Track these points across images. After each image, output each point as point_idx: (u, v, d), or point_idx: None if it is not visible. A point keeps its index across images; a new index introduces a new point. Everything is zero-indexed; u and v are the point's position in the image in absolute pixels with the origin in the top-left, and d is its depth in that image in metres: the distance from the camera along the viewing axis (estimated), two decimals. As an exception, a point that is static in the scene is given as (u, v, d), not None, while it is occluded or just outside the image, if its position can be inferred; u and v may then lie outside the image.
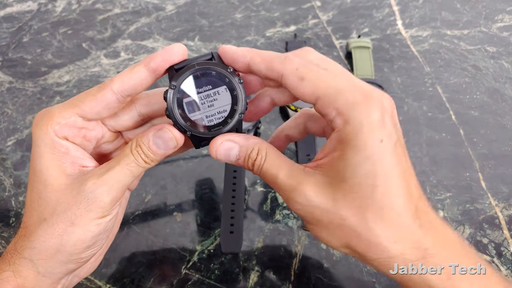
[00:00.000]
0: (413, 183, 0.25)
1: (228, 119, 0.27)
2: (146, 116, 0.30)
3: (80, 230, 0.26)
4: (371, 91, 0.24)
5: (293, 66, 0.25)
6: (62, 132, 0.26)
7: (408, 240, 0.24)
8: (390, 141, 0.24)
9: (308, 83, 0.25)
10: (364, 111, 0.24)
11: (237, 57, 0.27)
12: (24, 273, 0.26)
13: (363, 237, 0.24)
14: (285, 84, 0.26)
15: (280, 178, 0.26)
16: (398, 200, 0.24)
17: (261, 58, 0.26)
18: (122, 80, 0.26)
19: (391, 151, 0.24)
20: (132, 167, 0.26)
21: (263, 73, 0.26)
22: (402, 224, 0.24)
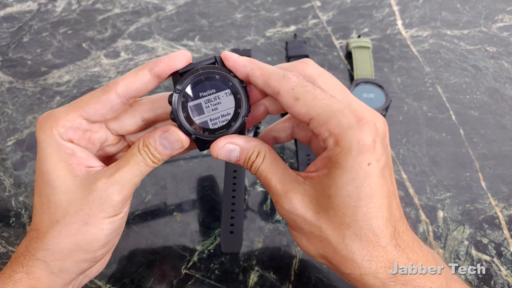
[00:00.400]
0: (395, 205, 0.26)
1: (231, 122, 0.27)
2: (149, 121, 0.30)
3: (94, 229, 0.26)
4: (365, 114, 0.25)
5: (289, 85, 0.26)
6: (67, 135, 0.27)
7: (382, 259, 0.25)
8: (378, 164, 0.25)
9: (303, 104, 0.25)
10: (355, 135, 0.24)
11: (237, 67, 0.27)
12: (37, 274, 0.26)
13: (339, 252, 0.25)
14: (280, 102, 0.26)
15: (273, 182, 0.27)
16: (378, 222, 0.25)
17: (260, 72, 0.27)
18: (127, 83, 0.26)
19: (377, 173, 0.25)
20: (141, 166, 0.27)
21: (260, 86, 0.27)
22: (378, 244, 0.25)
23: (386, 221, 0.25)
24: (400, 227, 0.26)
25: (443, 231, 0.41)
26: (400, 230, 0.26)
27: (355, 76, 0.54)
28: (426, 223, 0.42)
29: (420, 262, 0.25)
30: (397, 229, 0.26)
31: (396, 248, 0.25)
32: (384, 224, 0.25)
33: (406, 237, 0.26)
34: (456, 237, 0.41)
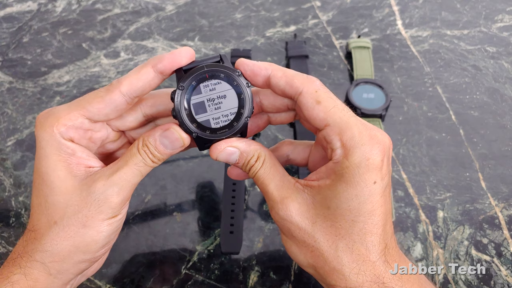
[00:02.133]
0: (389, 223, 0.27)
1: (234, 122, 0.27)
2: (151, 117, 0.30)
3: (92, 231, 0.26)
4: (376, 133, 0.26)
5: (313, 87, 0.26)
6: (68, 134, 0.26)
7: (370, 274, 0.25)
8: (382, 183, 0.25)
9: (322, 109, 0.26)
10: (366, 152, 0.25)
11: (258, 70, 0.27)
12: (35, 276, 0.26)
13: (329, 263, 0.26)
14: (300, 102, 0.26)
15: (270, 188, 0.27)
16: (372, 237, 0.25)
17: (282, 73, 0.27)
18: (131, 82, 0.26)
19: (380, 192, 0.25)
20: (140, 167, 0.27)
21: (281, 87, 0.27)
22: (369, 259, 0.25)
23: (380, 238, 0.26)
24: (391, 244, 0.27)
25: (443, 231, 0.41)
26: (390, 247, 0.26)
27: (355, 76, 0.54)
28: (426, 223, 0.42)
29: (404, 279, 0.26)
30: (388, 246, 0.26)
31: (384, 264, 0.26)
32: (378, 241, 0.25)
33: (394, 253, 0.27)
34: (456, 237, 0.41)
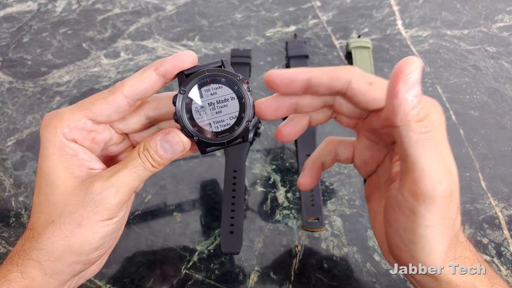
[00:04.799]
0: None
1: (235, 126, 0.27)
2: (154, 119, 0.30)
3: (87, 231, 0.26)
4: (429, 97, 0.26)
5: (359, 72, 0.26)
6: (71, 135, 0.26)
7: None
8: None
9: (378, 88, 0.25)
10: (437, 113, 0.25)
11: (295, 77, 0.26)
12: (31, 274, 0.26)
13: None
14: (353, 90, 0.26)
15: (436, 166, 0.24)
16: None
17: (322, 71, 0.26)
18: (133, 84, 0.26)
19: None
20: (139, 171, 0.27)
21: (326, 84, 0.26)
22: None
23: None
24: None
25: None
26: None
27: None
28: (426, 223, 0.42)
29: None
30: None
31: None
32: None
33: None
34: (456, 237, 0.41)
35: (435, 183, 0.23)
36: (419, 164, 0.24)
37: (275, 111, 0.27)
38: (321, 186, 0.45)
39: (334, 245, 0.41)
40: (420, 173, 0.24)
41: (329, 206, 0.44)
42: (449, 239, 0.25)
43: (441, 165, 0.24)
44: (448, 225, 0.25)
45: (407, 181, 0.25)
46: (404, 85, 0.23)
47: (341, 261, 0.39)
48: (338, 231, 0.42)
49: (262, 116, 0.28)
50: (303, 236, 0.41)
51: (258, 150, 0.49)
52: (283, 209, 0.43)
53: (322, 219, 0.42)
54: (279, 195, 0.45)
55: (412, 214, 0.25)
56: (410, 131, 0.24)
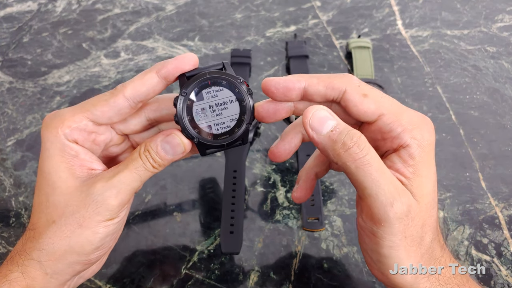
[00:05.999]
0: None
1: (235, 129, 0.27)
2: (154, 121, 0.30)
3: (88, 232, 0.26)
4: (423, 115, 0.27)
5: (354, 82, 0.26)
6: (72, 136, 0.27)
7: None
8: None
9: (372, 100, 0.26)
10: (426, 133, 0.25)
11: (292, 84, 0.26)
12: (32, 274, 0.26)
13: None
14: (346, 100, 0.26)
15: (383, 189, 0.24)
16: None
17: (317, 79, 0.26)
18: (135, 87, 0.26)
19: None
20: (140, 171, 0.27)
21: (321, 93, 0.26)
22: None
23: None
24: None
25: (443, 231, 0.41)
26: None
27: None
28: (426, 223, 0.42)
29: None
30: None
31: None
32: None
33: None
34: (456, 237, 0.41)
35: (386, 206, 0.24)
36: (367, 190, 0.24)
37: (274, 114, 0.28)
38: (321, 186, 0.45)
39: (334, 245, 0.41)
40: (370, 199, 0.24)
41: (329, 206, 0.44)
42: (417, 257, 0.25)
43: (389, 186, 0.24)
44: (414, 243, 0.25)
45: (363, 207, 0.26)
46: (312, 131, 0.25)
47: (341, 261, 0.39)
48: (338, 231, 0.42)
49: (260, 119, 0.28)
50: (303, 236, 0.41)
51: (258, 150, 0.49)
52: (283, 209, 0.43)
53: (322, 219, 0.42)
54: (279, 195, 0.45)
55: (374, 237, 0.25)
56: (345, 162, 0.24)
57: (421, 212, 0.25)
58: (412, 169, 0.25)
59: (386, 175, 0.24)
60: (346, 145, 0.24)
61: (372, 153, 0.24)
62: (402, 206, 0.24)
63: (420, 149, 0.25)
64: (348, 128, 0.25)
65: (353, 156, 0.24)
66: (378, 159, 0.24)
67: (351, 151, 0.24)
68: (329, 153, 0.25)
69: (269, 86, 0.26)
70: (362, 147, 0.24)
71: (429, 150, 0.26)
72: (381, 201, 0.24)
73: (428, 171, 0.26)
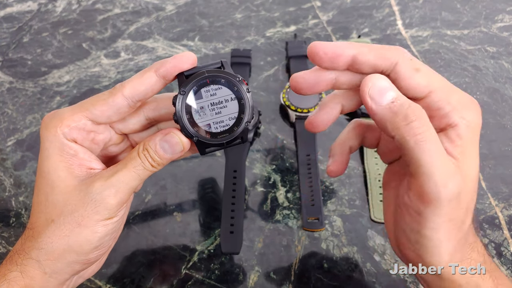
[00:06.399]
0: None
1: (234, 127, 0.27)
2: (153, 120, 0.30)
3: (87, 231, 0.26)
4: (471, 97, 0.26)
5: (407, 56, 0.25)
6: (71, 135, 0.27)
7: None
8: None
9: (424, 75, 0.25)
10: (474, 114, 0.25)
11: (341, 50, 0.25)
12: (31, 274, 0.26)
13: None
14: (397, 72, 0.25)
15: (439, 168, 0.23)
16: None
17: (369, 48, 0.25)
18: (133, 86, 0.26)
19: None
20: (139, 170, 0.27)
21: (371, 62, 0.25)
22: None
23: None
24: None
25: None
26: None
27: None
28: (426, 223, 0.42)
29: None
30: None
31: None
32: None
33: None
34: (456, 237, 0.41)
35: (439, 187, 0.23)
36: (422, 168, 0.23)
37: (313, 86, 0.27)
38: (321, 186, 0.45)
39: (334, 245, 0.41)
40: (424, 177, 0.23)
41: (329, 206, 0.44)
42: (456, 240, 0.25)
43: (445, 166, 0.23)
44: (455, 227, 0.25)
45: (413, 184, 0.24)
46: (371, 100, 0.24)
47: (341, 261, 0.39)
48: (338, 231, 0.42)
49: (298, 90, 0.27)
50: (303, 236, 0.41)
51: (258, 150, 0.49)
52: (283, 209, 0.43)
53: (322, 219, 0.42)
54: (279, 195, 0.45)
55: (418, 216, 0.24)
56: (405, 136, 0.23)
57: (467, 195, 0.24)
58: (460, 149, 0.24)
59: (443, 154, 0.23)
60: (408, 118, 0.23)
61: (432, 130, 0.23)
62: (454, 188, 0.23)
63: (469, 130, 0.24)
64: (409, 101, 0.24)
65: (414, 130, 0.23)
66: (437, 138, 0.24)
67: (412, 125, 0.23)
68: (387, 126, 0.24)
69: (318, 50, 0.25)
70: (423, 122, 0.23)
71: (477, 132, 0.25)
72: (435, 181, 0.23)
73: (475, 153, 0.25)
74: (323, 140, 0.49)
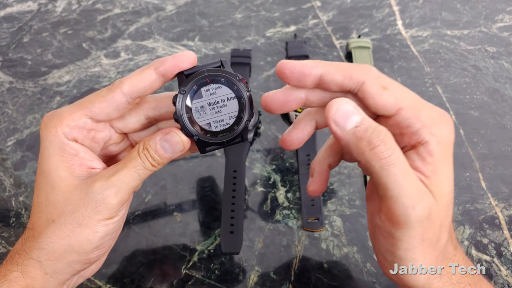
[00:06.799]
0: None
1: (234, 126, 0.27)
2: (153, 119, 0.30)
3: (87, 231, 0.26)
4: (443, 110, 0.26)
5: (374, 73, 0.25)
6: (71, 134, 0.27)
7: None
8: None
9: (392, 93, 0.25)
10: (446, 129, 0.25)
11: (308, 70, 0.25)
12: (32, 274, 0.26)
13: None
14: (364, 92, 0.25)
15: (406, 191, 0.23)
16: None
17: (335, 67, 0.25)
18: (132, 82, 0.26)
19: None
20: (139, 170, 0.27)
21: (338, 82, 0.25)
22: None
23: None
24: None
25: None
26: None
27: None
28: (426, 223, 0.42)
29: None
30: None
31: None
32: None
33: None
34: (456, 237, 0.41)
35: (407, 209, 0.23)
36: (389, 191, 0.23)
37: (283, 105, 0.27)
38: (321, 186, 0.45)
39: (334, 245, 0.41)
40: (392, 201, 0.23)
41: (329, 206, 0.44)
42: (433, 258, 0.25)
43: (412, 188, 0.23)
44: (430, 246, 0.25)
45: (383, 207, 0.25)
46: (336, 126, 0.24)
47: (341, 261, 0.39)
48: (338, 231, 0.42)
49: (269, 109, 0.27)
50: (303, 236, 0.41)
51: (258, 150, 0.49)
52: (283, 209, 0.43)
53: (322, 219, 0.42)
54: (279, 195, 0.45)
55: (391, 238, 0.25)
56: (370, 161, 0.23)
57: (439, 213, 0.24)
58: (431, 167, 0.24)
59: (410, 176, 0.23)
60: (371, 143, 0.23)
61: (397, 152, 0.23)
62: (424, 209, 0.23)
63: (439, 146, 0.24)
64: (374, 124, 0.24)
65: (379, 155, 0.23)
66: (403, 160, 0.23)
67: (376, 150, 0.23)
68: (352, 151, 0.24)
69: (284, 69, 0.25)
70: (388, 146, 0.23)
71: (448, 148, 0.25)
72: (403, 204, 0.23)
73: (447, 170, 0.25)
74: (323, 140, 0.49)
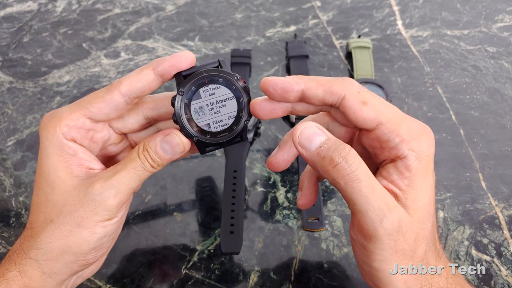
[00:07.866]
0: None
1: (233, 126, 0.27)
2: (152, 119, 0.30)
3: (86, 232, 0.26)
4: (424, 125, 0.26)
5: (354, 88, 0.25)
6: (70, 134, 0.27)
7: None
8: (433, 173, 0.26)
9: (371, 108, 0.25)
10: (425, 143, 0.25)
11: (290, 86, 0.26)
12: (30, 273, 0.26)
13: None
14: (344, 107, 0.25)
15: (372, 205, 0.24)
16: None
17: (317, 83, 0.26)
18: (131, 83, 0.26)
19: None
20: (138, 171, 0.27)
21: (320, 97, 0.26)
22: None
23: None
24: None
25: (443, 231, 0.41)
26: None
27: (355, 76, 0.54)
28: (426, 223, 0.42)
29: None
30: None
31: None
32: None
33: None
34: (456, 237, 0.41)
35: (374, 223, 0.24)
36: (356, 206, 0.24)
37: (270, 112, 0.27)
38: (321, 186, 0.45)
39: (334, 245, 0.41)
40: (360, 215, 0.24)
41: (329, 206, 0.44)
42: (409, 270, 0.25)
43: (379, 202, 0.23)
44: (405, 257, 0.25)
45: (353, 221, 0.25)
46: (302, 148, 0.25)
47: (341, 261, 0.39)
48: (338, 231, 0.42)
49: (256, 115, 0.28)
50: (303, 236, 0.41)
51: (258, 150, 0.49)
52: (283, 209, 0.43)
53: (322, 219, 0.42)
54: (279, 195, 0.45)
55: (365, 250, 0.25)
56: (334, 178, 0.24)
57: (413, 225, 0.25)
58: (408, 181, 0.25)
59: (376, 190, 0.24)
60: (333, 161, 0.24)
61: (361, 168, 0.24)
62: (392, 222, 0.24)
63: (418, 162, 0.25)
64: (337, 143, 0.24)
65: (341, 172, 0.24)
66: (368, 174, 0.24)
67: (339, 167, 0.24)
68: (319, 170, 0.25)
69: (267, 86, 0.26)
70: (350, 162, 0.24)
71: (427, 163, 0.25)
72: (370, 218, 0.23)
73: (424, 184, 0.25)
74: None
